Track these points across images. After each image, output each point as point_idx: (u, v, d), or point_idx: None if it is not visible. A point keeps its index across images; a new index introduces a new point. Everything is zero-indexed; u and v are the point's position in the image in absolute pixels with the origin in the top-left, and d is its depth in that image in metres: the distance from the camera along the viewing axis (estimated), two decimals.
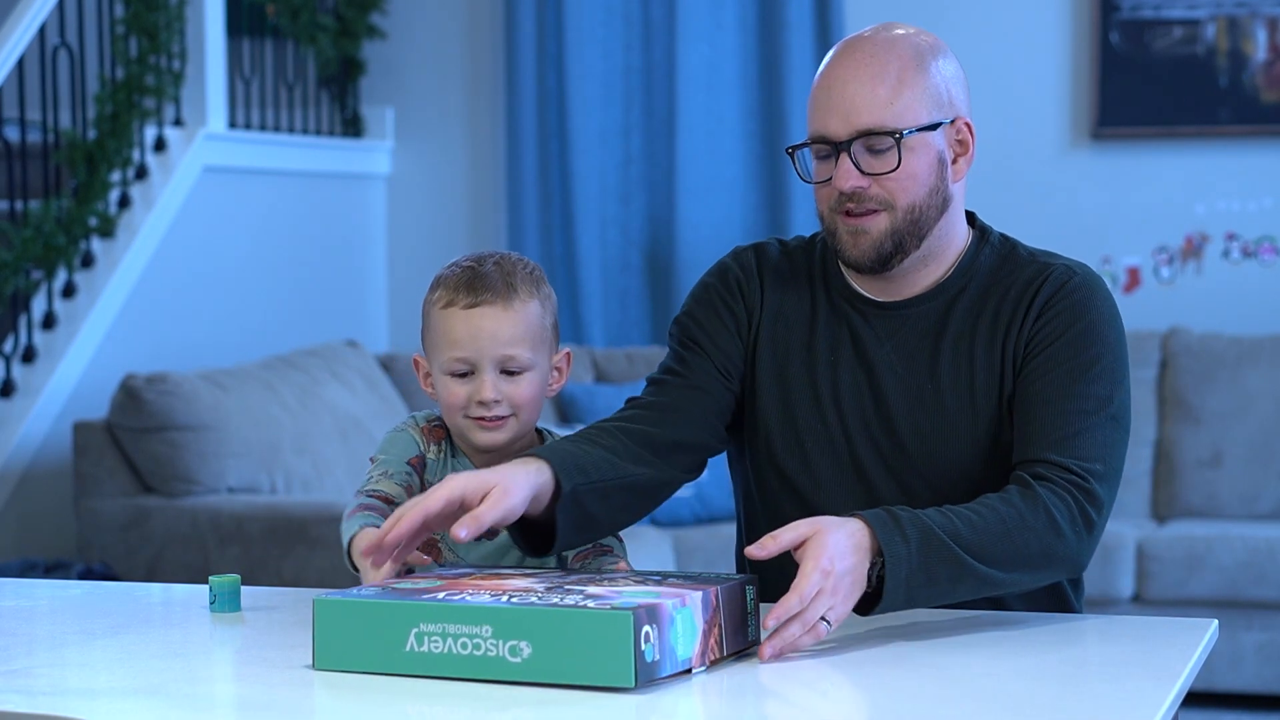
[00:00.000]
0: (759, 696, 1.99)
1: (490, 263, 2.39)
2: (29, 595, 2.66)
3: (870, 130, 2.35)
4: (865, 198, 2.37)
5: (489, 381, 2.35)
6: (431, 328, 2.40)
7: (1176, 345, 5.58)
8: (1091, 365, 2.38)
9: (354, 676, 2.06)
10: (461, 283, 2.37)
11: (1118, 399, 2.38)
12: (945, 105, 2.41)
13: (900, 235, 2.38)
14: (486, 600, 1.98)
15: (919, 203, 2.38)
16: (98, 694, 2.00)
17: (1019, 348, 2.40)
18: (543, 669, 1.93)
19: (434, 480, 2.38)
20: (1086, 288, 2.42)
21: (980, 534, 2.23)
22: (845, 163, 2.36)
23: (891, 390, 2.43)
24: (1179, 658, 2.08)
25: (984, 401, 2.40)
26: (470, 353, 2.35)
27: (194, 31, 5.65)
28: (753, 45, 6.08)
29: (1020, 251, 2.48)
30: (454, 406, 2.37)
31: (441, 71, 6.45)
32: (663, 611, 1.95)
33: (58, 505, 5.23)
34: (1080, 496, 2.30)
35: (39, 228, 5.22)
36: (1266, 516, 5.34)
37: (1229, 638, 4.93)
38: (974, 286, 2.45)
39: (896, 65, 2.37)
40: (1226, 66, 5.72)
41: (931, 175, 2.39)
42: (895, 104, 2.35)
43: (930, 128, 2.38)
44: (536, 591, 2.02)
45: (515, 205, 6.22)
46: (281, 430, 5.10)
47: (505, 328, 2.35)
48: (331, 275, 6.24)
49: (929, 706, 1.92)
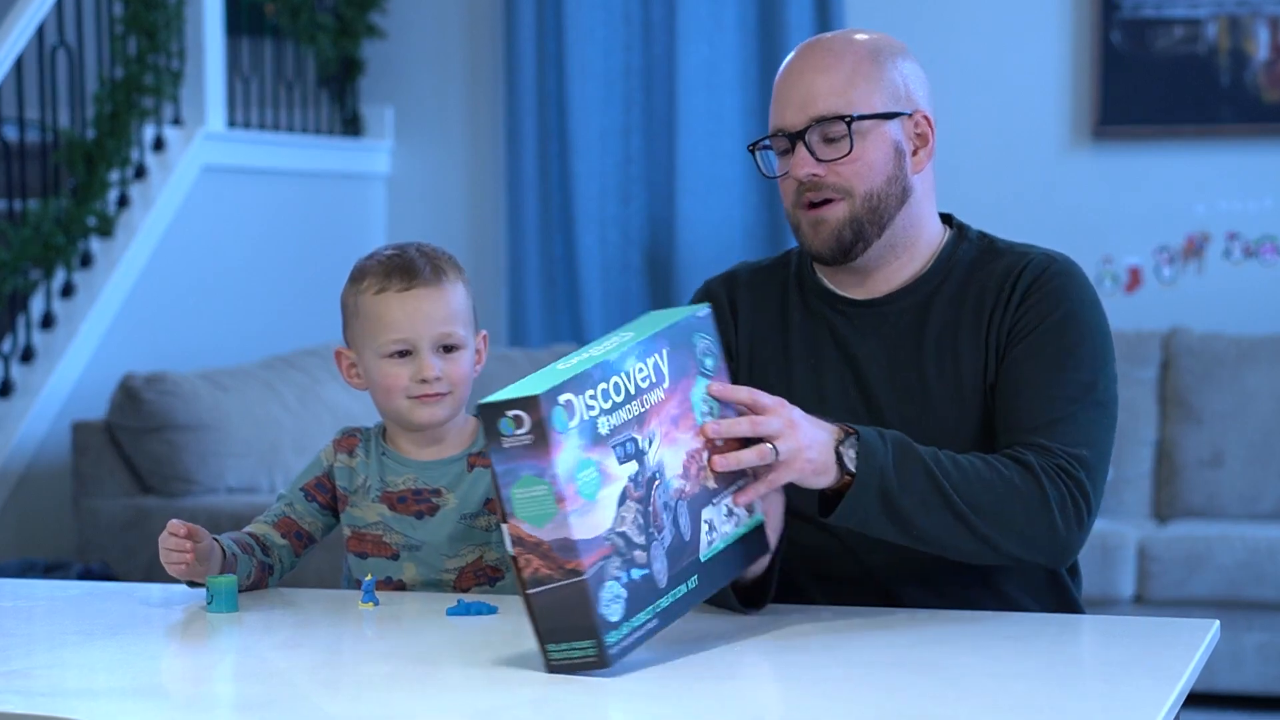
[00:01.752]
0: (755, 694, 1.99)
1: (412, 249, 2.52)
2: (28, 595, 2.66)
3: (823, 116, 2.39)
4: (823, 185, 2.40)
5: (430, 360, 2.47)
6: (363, 315, 2.51)
7: (1177, 345, 5.57)
8: (1074, 350, 2.39)
9: (353, 676, 2.06)
10: (393, 268, 2.49)
11: (1102, 384, 2.39)
12: (902, 98, 2.44)
13: (859, 223, 2.42)
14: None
15: (876, 190, 2.42)
16: (97, 694, 2.00)
17: (1001, 335, 2.42)
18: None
19: (366, 480, 2.53)
20: (1066, 274, 2.44)
21: (964, 472, 2.25)
22: (801, 151, 2.41)
23: (878, 385, 2.45)
24: (1180, 658, 2.08)
25: (970, 392, 2.41)
26: (409, 333, 2.47)
27: (193, 31, 5.65)
28: (753, 45, 6.07)
29: (999, 244, 2.52)
30: (394, 389, 2.49)
31: (441, 71, 6.45)
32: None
33: (57, 505, 5.23)
34: (1070, 485, 2.30)
35: (38, 227, 5.22)
36: (1267, 517, 5.33)
37: (1230, 638, 4.92)
38: (954, 279, 2.47)
39: (852, 59, 2.42)
40: (1228, 66, 5.72)
41: (889, 164, 2.42)
42: (849, 92, 2.40)
43: (885, 116, 2.41)
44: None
45: (515, 205, 6.22)
46: (281, 430, 5.10)
47: (440, 308, 2.48)
48: (332, 275, 6.20)
49: (929, 706, 1.92)
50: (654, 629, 2.03)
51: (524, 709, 1.91)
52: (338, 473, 2.56)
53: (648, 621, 2.02)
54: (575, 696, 1.93)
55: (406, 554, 2.51)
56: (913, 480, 2.21)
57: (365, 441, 2.58)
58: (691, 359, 2.13)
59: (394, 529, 2.51)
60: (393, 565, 2.51)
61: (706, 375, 2.14)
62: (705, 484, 2.10)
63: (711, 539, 2.11)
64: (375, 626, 2.31)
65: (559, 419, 1.94)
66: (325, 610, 2.41)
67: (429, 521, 2.51)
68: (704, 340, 2.16)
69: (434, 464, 2.52)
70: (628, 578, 1.99)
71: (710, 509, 2.11)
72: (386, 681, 2.02)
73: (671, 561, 2.05)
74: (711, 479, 2.11)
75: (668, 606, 2.05)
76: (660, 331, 2.10)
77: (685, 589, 2.08)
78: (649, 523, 2.02)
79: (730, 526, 2.14)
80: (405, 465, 2.54)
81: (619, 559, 1.99)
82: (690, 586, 2.08)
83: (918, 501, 2.22)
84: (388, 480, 2.53)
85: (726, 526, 2.13)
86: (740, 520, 2.16)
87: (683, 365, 2.11)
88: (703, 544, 2.10)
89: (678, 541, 2.06)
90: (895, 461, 2.21)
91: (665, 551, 2.04)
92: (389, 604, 2.41)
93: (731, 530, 2.14)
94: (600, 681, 1.97)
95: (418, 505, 2.50)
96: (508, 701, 1.93)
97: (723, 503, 2.13)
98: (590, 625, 1.96)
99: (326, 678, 2.06)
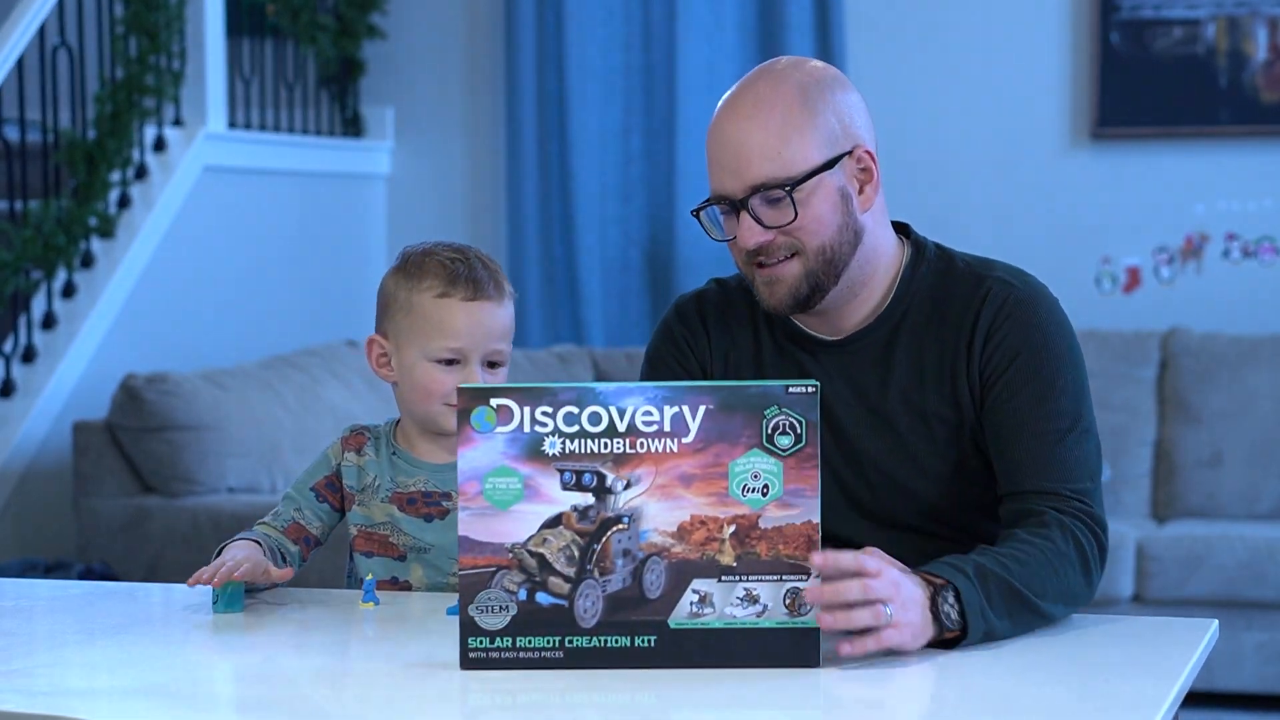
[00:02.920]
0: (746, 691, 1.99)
1: (473, 256, 2.50)
2: (29, 595, 2.66)
3: (763, 184, 2.32)
4: (773, 249, 2.35)
5: (478, 372, 2.47)
6: (417, 314, 2.49)
7: (1176, 345, 5.57)
8: (1053, 381, 2.36)
9: (350, 676, 2.06)
10: (459, 276, 2.48)
11: (1084, 409, 2.38)
12: (839, 139, 2.36)
13: (815, 276, 2.37)
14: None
15: (829, 243, 2.36)
16: (98, 694, 2.00)
17: (973, 379, 2.39)
18: None
19: (376, 479, 2.52)
20: (1028, 301, 2.40)
21: (1027, 567, 2.21)
22: (745, 220, 2.34)
23: (849, 424, 2.43)
24: (1179, 658, 2.08)
25: (939, 428, 2.40)
26: (466, 344, 2.47)
27: (194, 31, 5.65)
28: (753, 45, 6.07)
29: (957, 263, 2.46)
30: (435, 393, 2.48)
31: (441, 71, 6.45)
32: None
33: (58, 505, 5.23)
34: (1091, 525, 2.30)
35: (39, 228, 5.22)
36: (1266, 516, 5.34)
37: (1229, 638, 4.93)
38: (915, 310, 2.43)
39: (781, 110, 2.33)
40: (1226, 66, 5.72)
41: (837, 213, 2.36)
42: (784, 152, 2.32)
43: (826, 166, 2.34)
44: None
45: (515, 205, 6.22)
46: (281, 430, 5.10)
47: (498, 324, 2.49)
48: (331, 275, 6.23)
49: (929, 706, 1.92)
50: (559, 662, 2.00)
51: (525, 709, 1.92)
52: (345, 471, 2.55)
53: (547, 650, 2.00)
54: (575, 696, 1.94)
55: (413, 555, 2.50)
56: (1004, 606, 2.17)
57: (375, 440, 2.56)
58: (750, 428, 2.00)
59: (402, 530, 2.51)
60: (399, 566, 2.51)
61: (775, 453, 2.01)
62: (716, 557, 2.00)
63: (699, 611, 2.00)
64: (376, 626, 2.31)
65: (480, 418, 1.97)
66: (326, 610, 2.41)
67: (438, 525, 2.50)
68: (786, 416, 2.01)
69: (446, 468, 2.50)
70: (525, 597, 1.99)
71: (709, 583, 2.00)
72: (387, 681, 2.02)
73: (610, 608, 2.00)
74: (729, 556, 2.00)
75: (590, 649, 2.00)
76: (711, 389, 2.01)
77: (629, 642, 2.00)
78: (587, 559, 1.99)
79: (742, 612, 2.01)
80: (417, 467, 2.53)
81: (521, 575, 1.99)
82: (646, 644, 2.00)
83: (1009, 623, 2.18)
84: (399, 481, 2.53)
85: (735, 610, 2.01)
86: (770, 614, 2.01)
87: (730, 430, 2.00)
88: (679, 611, 2.00)
89: (630, 593, 2.00)
90: (988, 597, 2.15)
91: (603, 594, 2.00)
92: (390, 604, 2.41)
93: (744, 618, 2.01)
94: (600, 682, 1.98)
95: (427, 508, 2.50)
96: (508, 701, 1.94)
97: (739, 585, 2.01)
98: (464, 622, 2.00)
99: (327, 677, 2.06)
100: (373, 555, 2.52)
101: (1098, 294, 5.82)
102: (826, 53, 5.93)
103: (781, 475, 2.00)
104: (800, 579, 2.00)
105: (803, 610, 2.01)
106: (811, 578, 2.01)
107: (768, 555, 2.00)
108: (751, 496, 2.01)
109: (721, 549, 2.00)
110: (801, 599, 2.00)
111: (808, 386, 2.01)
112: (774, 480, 2.00)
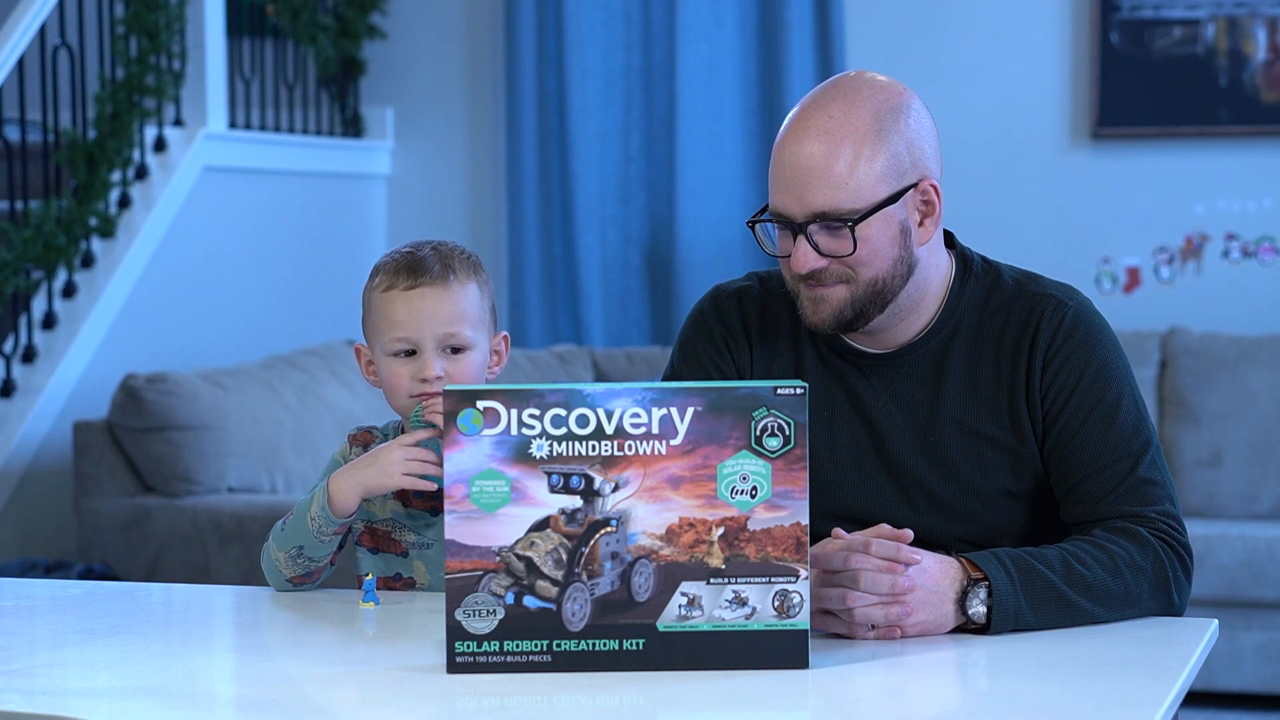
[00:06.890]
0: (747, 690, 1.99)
1: (428, 248, 2.50)
2: (29, 595, 2.66)
3: (824, 213, 2.28)
4: (825, 275, 2.32)
5: (433, 360, 2.45)
6: (373, 312, 2.50)
7: (1176, 345, 5.57)
8: (1117, 404, 2.35)
9: (350, 676, 2.06)
10: (401, 266, 2.48)
11: (1148, 426, 2.37)
12: (907, 170, 2.32)
13: (861, 304, 2.34)
14: None
15: (881, 276, 2.33)
16: (98, 694, 2.00)
17: (1034, 402, 2.37)
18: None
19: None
20: (1084, 323, 2.38)
21: (1091, 570, 2.22)
22: (802, 245, 2.30)
23: (894, 443, 2.40)
24: (1179, 657, 2.08)
25: (992, 451, 2.38)
26: (412, 332, 2.46)
27: (194, 31, 5.65)
28: (753, 45, 6.08)
29: (1005, 279, 2.43)
30: (398, 388, 2.48)
31: (441, 71, 6.45)
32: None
33: (58, 505, 5.23)
34: (1176, 545, 2.30)
35: (39, 228, 5.22)
36: (1266, 516, 5.34)
37: (1229, 638, 4.93)
38: (965, 326, 2.41)
39: (853, 138, 2.28)
40: (1226, 66, 5.72)
41: (894, 247, 2.32)
42: (850, 182, 2.27)
43: (890, 200, 2.30)
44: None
45: (515, 205, 6.22)
46: (281, 430, 5.10)
47: (445, 307, 2.46)
48: (332, 275, 6.24)
49: (928, 705, 1.92)
50: (547, 665, 2.00)
51: (513, 712, 1.92)
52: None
53: (534, 654, 2.00)
54: (575, 696, 1.94)
55: (416, 552, 2.51)
56: (1045, 608, 2.18)
57: (382, 438, 2.56)
58: (739, 430, 1.99)
59: (406, 526, 2.51)
60: (402, 562, 2.51)
61: (764, 455, 1.99)
62: (704, 560, 1.99)
63: (688, 614, 2.00)
64: (376, 626, 2.32)
65: (467, 420, 1.96)
66: (326, 609, 2.41)
67: (440, 521, 2.49)
68: (775, 418, 1.99)
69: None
70: (513, 600, 1.99)
71: (697, 585, 1.99)
72: (387, 680, 2.02)
73: (598, 611, 2.00)
74: (717, 558, 1.99)
75: (578, 652, 2.00)
76: (699, 390, 2.00)
77: (618, 645, 2.00)
78: (575, 562, 1.99)
79: (731, 615, 2.00)
80: None
81: (509, 578, 1.99)
82: (634, 647, 2.00)
83: (1052, 620, 2.19)
84: None
85: (724, 612, 2.00)
86: (759, 616, 2.00)
87: (718, 432, 1.99)
88: (668, 613, 2.00)
89: (619, 596, 1.99)
90: (1027, 598, 2.17)
91: (591, 598, 2.00)
92: (389, 603, 2.41)
93: (733, 620, 2.00)
94: (599, 683, 1.98)
95: (432, 501, 2.50)
96: (495, 705, 1.94)
97: (728, 587, 2.00)
98: (451, 627, 2.00)
99: (327, 677, 2.06)
100: (377, 551, 2.52)
101: (1098, 294, 5.82)
102: (826, 53, 5.94)
103: (770, 477, 1.99)
104: (789, 580, 2.00)
105: (791, 612, 2.00)
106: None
107: (756, 557, 2.00)
108: (740, 498, 2.00)
109: (710, 551, 2.00)
110: (790, 600, 2.00)
111: (796, 388, 1.99)
112: (762, 482, 1.99)
